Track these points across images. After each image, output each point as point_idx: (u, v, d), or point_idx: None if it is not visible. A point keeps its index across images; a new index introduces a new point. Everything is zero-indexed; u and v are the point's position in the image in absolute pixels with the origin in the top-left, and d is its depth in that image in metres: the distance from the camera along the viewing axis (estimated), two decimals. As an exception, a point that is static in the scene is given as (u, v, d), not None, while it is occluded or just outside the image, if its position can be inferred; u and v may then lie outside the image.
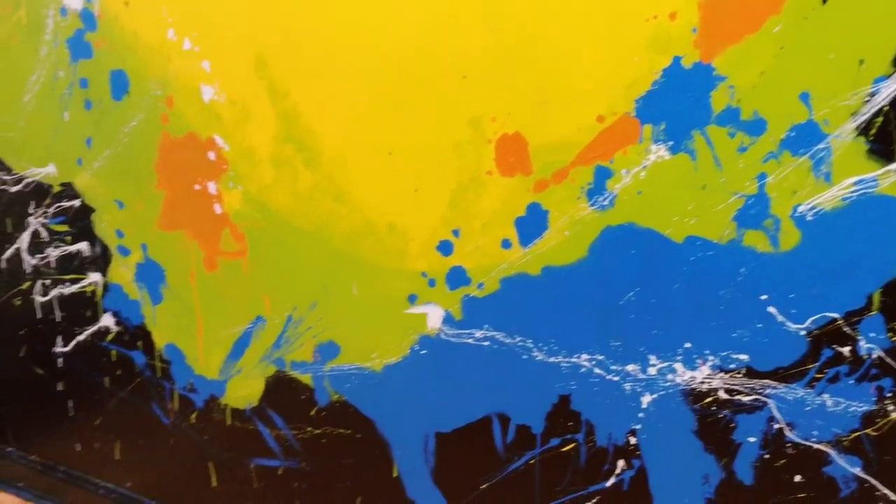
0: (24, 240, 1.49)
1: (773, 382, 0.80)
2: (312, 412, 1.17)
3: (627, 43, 0.81)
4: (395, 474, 1.11)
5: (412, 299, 1.03)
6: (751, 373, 0.81)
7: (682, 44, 0.78)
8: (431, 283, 1.01)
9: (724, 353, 0.82)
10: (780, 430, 0.80)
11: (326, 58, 1.03)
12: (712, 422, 0.85)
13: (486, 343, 0.98)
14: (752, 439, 0.82)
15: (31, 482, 1.66)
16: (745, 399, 0.82)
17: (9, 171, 1.46)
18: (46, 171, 1.40)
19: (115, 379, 1.42)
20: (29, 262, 1.49)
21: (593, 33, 0.83)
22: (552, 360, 0.93)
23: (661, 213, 0.83)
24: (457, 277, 0.99)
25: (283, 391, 1.20)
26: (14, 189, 1.46)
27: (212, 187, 1.19)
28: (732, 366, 0.82)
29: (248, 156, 1.14)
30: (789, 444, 0.80)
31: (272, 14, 1.05)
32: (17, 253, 1.51)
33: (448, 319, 1.01)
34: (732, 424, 0.83)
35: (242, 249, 1.18)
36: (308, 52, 1.04)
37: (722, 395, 0.83)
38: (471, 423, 1.02)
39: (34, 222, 1.46)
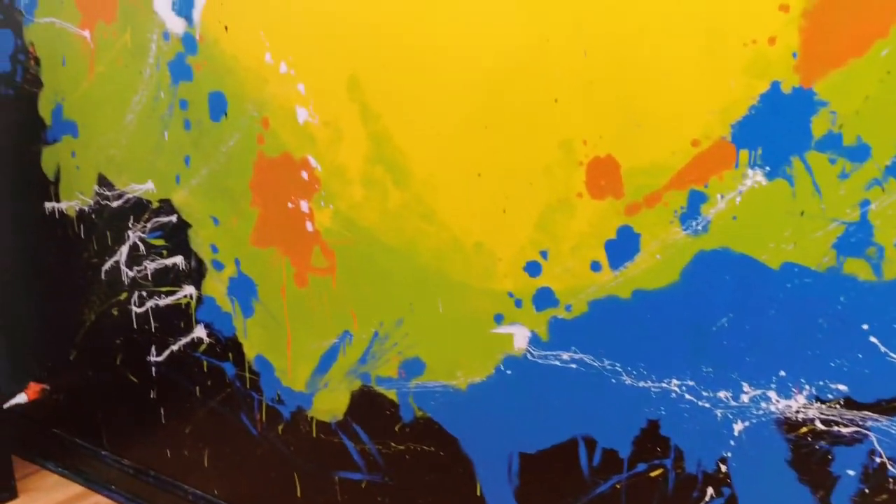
0: (123, 252, 1.56)
1: (874, 414, 0.78)
2: (397, 428, 1.19)
3: (724, 67, 0.80)
4: (478, 493, 1.12)
5: (498, 319, 1.04)
6: (850, 404, 0.79)
7: (781, 68, 0.77)
8: (518, 303, 1.02)
9: (822, 383, 0.81)
10: (883, 464, 0.78)
11: (418, 81, 1.05)
12: (807, 452, 0.83)
13: (573, 365, 0.98)
14: (851, 472, 0.80)
15: (123, 485, 1.72)
16: (844, 430, 0.80)
17: (111, 187, 1.53)
18: (146, 188, 1.47)
19: (206, 389, 1.47)
20: (127, 273, 1.56)
21: (688, 57, 0.82)
22: (641, 384, 0.92)
23: (757, 239, 0.82)
24: (544, 298, 0.99)
25: (368, 406, 1.22)
26: (115, 204, 1.53)
27: (304, 205, 1.22)
28: (830, 396, 0.80)
29: (340, 175, 1.17)
30: (892, 479, 0.78)
31: (366, 39, 1.08)
32: (117, 265, 1.58)
33: (534, 340, 1.01)
34: (829, 456, 0.81)
35: (332, 266, 1.21)
36: (400, 76, 1.06)
37: (818, 425, 0.81)
38: (556, 444, 1.02)
39: (133, 236, 1.52)
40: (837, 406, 0.80)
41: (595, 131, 0.91)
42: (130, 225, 1.52)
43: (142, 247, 1.52)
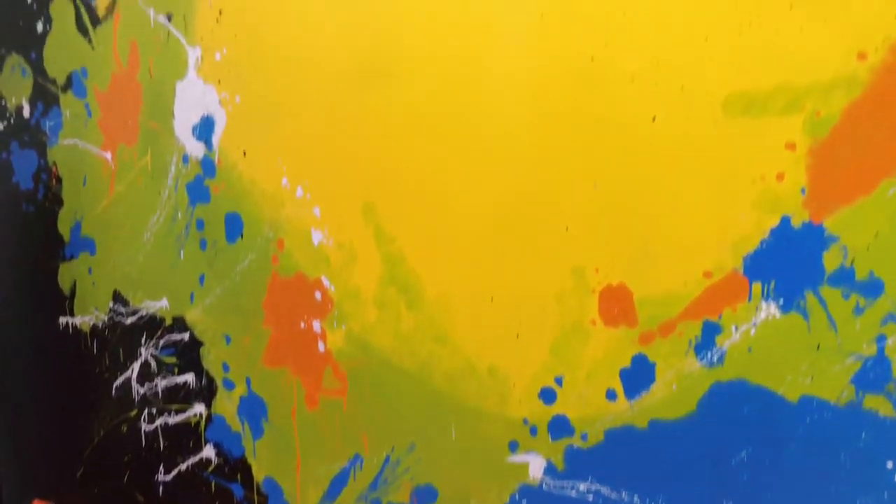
0: (134, 369, 1.55)
1: (903, 557, 0.75)
2: (408, 557, 1.16)
3: (734, 201, 0.82)
4: None
5: (513, 447, 1.02)
6: (878, 544, 0.77)
7: (790, 203, 0.78)
8: (533, 430, 1.00)
9: (848, 521, 0.78)
10: None
11: (432, 206, 1.07)
12: None
13: (591, 496, 0.96)
14: None
15: None
16: (874, 572, 0.77)
17: (126, 303, 1.54)
18: (160, 305, 1.48)
19: (213, 510, 1.44)
20: (138, 390, 1.55)
21: (697, 190, 0.84)
22: (661, 518, 0.90)
23: (774, 372, 0.81)
24: (559, 427, 0.98)
25: (379, 533, 1.19)
26: (129, 321, 1.54)
27: (316, 326, 1.23)
28: (857, 535, 0.78)
29: (353, 296, 1.17)
30: None
31: (381, 167, 1.10)
32: (128, 381, 1.57)
33: (550, 470, 0.99)
34: None
35: (343, 388, 1.21)
36: (414, 201, 1.08)
37: (846, 565, 0.79)
38: (574, 579, 0.99)
39: (145, 353, 1.52)
40: (865, 546, 0.77)
41: (607, 260, 0.92)
42: (143, 341, 1.53)
43: (153, 364, 1.51)
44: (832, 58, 0.74)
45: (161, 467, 1.53)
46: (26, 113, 1.67)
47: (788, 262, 0.78)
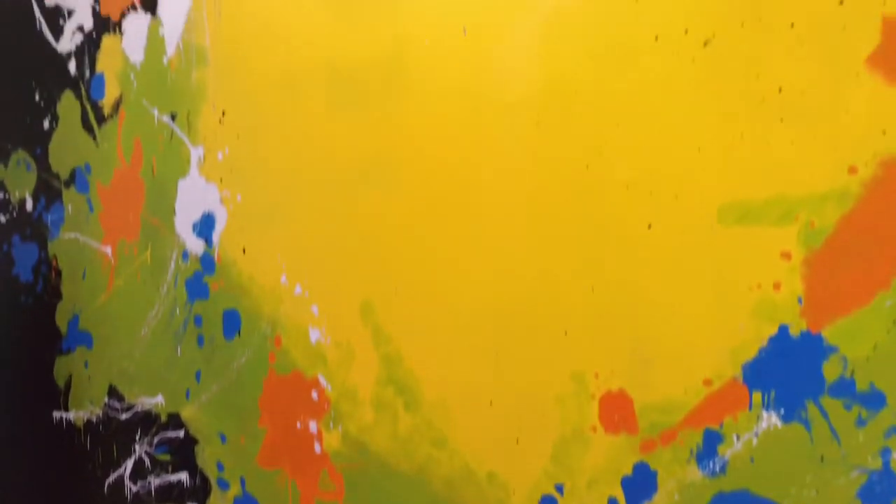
0: (127, 466, 1.53)
1: None
2: None
3: (731, 308, 0.82)
4: None
5: (513, 556, 1.00)
6: None
7: (788, 313, 0.78)
8: (534, 539, 0.98)
9: None
10: None
11: (430, 307, 1.07)
12: None
13: None
14: None
15: None
16: None
17: (121, 399, 1.52)
18: (156, 401, 1.46)
19: None
20: (131, 489, 1.52)
21: (695, 297, 0.84)
22: None
23: (777, 483, 0.79)
24: (560, 536, 0.95)
25: None
26: (124, 416, 1.52)
27: (313, 426, 1.21)
28: None
29: (350, 397, 1.16)
30: None
31: (380, 267, 1.11)
32: (120, 479, 1.54)
33: (552, 581, 0.96)
34: None
35: (339, 491, 1.18)
36: (413, 302, 1.08)
37: None
38: None
39: (139, 450, 1.50)
40: None
41: (606, 365, 0.91)
42: (137, 438, 1.50)
43: (147, 461, 1.49)
44: (824, 171, 0.75)
45: (151, 569, 1.49)
46: (29, 206, 1.69)
47: (788, 371, 0.78)
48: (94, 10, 1.54)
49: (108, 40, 1.51)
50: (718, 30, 0.80)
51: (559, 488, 0.95)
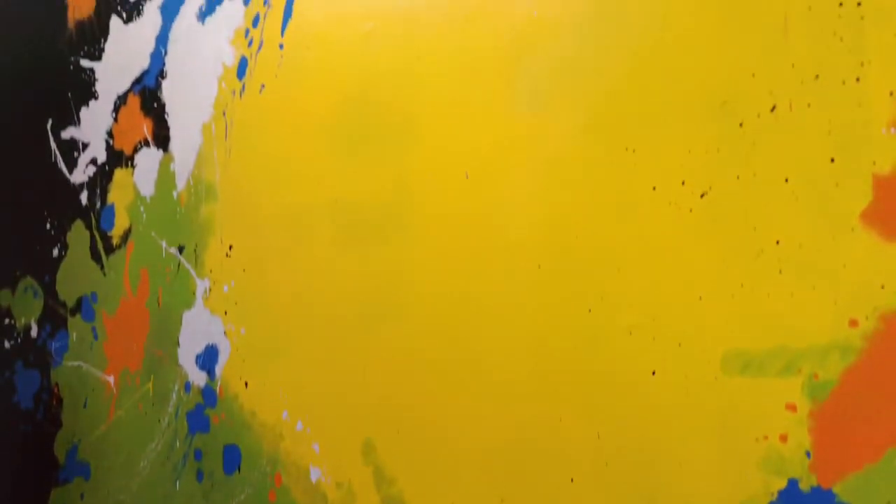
0: None
1: None
2: None
3: (738, 460, 0.80)
4: None
5: None
6: None
7: (796, 466, 0.76)
8: None
9: None
10: None
11: (433, 449, 1.05)
12: None
13: None
14: None
15: None
16: None
17: (116, 535, 1.49)
18: (151, 538, 1.42)
19: None
20: None
21: (701, 446, 0.83)
22: None
23: None
24: None
25: None
26: (118, 554, 1.48)
27: (312, 570, 1.17)
28: None
29: (351, 539, 1.13)
30: None
31: (382, 406, 1.10)
32: None
33: None
34: None
35: None
36: (415, 442, 1.07)
37: None
38: None
39: (132, 589, 1.45)
40: None
41: (613, 514, 0.89)
42: (131, 576, 1.46)
43: None
44: (825, 323, 0.75)
45: None
46: (34, 333, 1.70)
47: (800, 528, 0.76)
48: (107, 143, 1.58)
49: (120, 173, 1.55)
50: (714, 182, 0.82)
51: None
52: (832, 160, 0.75)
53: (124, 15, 1.61)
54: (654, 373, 0.86)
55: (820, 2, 0.77)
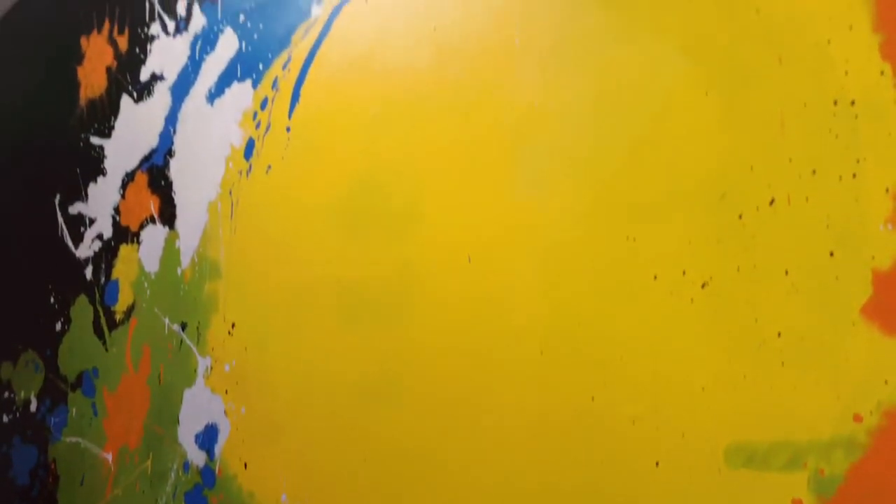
0: None
1: None
2: None
3: (745, 555, 0.79)
4: None
5: None
6: None
7: (804, 564, 0.75)
8: None
9: None
10: None
11: (434, 535, 1.03)
12: None
13: None
14: None
15: None
16: None
17: None
18: None
19: None
20: None
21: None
22: None
23: None
24: None
25: None
26: None
27: None
28: None
29: None
30: None
31: (382, 487, 1.09)
32: None
33: None
34: None
35: None
36: (416, 529, 1.05)
37: None
38: None
39: None
40: None
41: None
42: None
43: None
44: (828, 417, 0.75)
45: None
46: (33, 408, 1.68)
47: None
48: (114, 219, 1.60)
49: (125, 249, 1.56)
50: (715, 273, 0.83)
51: None
52: (831, 254, 0.76)
53: (135, 94, 1.64)
54: (657, 464, 0.85)
55: (815, 99, 0.78)
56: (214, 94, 1.45)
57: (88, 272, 1.64)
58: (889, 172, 0.73)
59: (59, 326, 1.67)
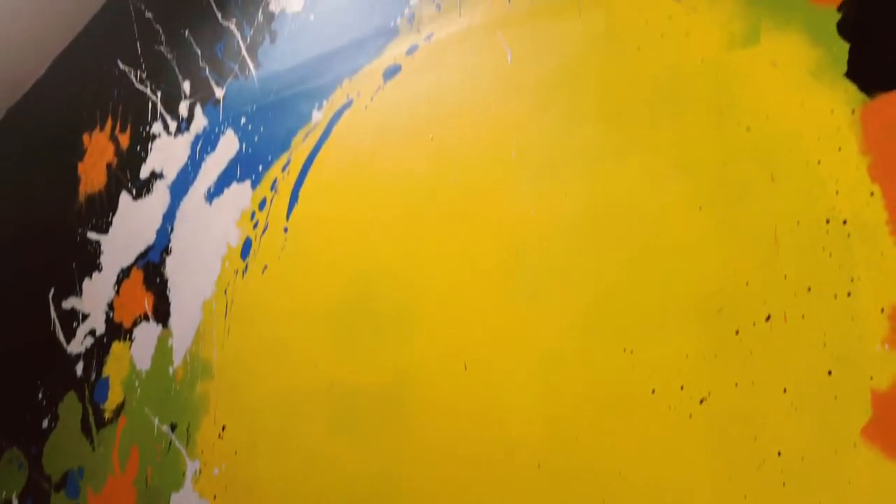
0: None
1: None
2: None
3: None
4: None
5: None
6: None
7: None
8: None
9: None
10: None
11: None
12: None
13: None
14: None
15: None
16: None
17: None
18: None
19: None
20: None
21: None
22: None
23: None
24: None
25: None
26: None
27: None
28: None
29: None
30: None
31: None
32: None
33: None
34: None
35: None
36: None
37: None
38: None
39: None
40: None
41: None
42: None
43: None
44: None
45: None
46: (14, 508, 1.64)
47: None
48: (107, 315, 1.59)
49: (117, 346, 1.55)
50: (713, 389, 0.82)
51: None
52: (829, 373, 0.75)
53: (134, 191, 1.66)
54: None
55: (808, 217, 0.80)
56: (213, 193, 1.46)
57: (79, 368, 1.62)
58: (883, 292, 0.74)
59: (45, 423, 1.64)
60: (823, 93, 0.81)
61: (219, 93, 1.52)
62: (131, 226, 1.63)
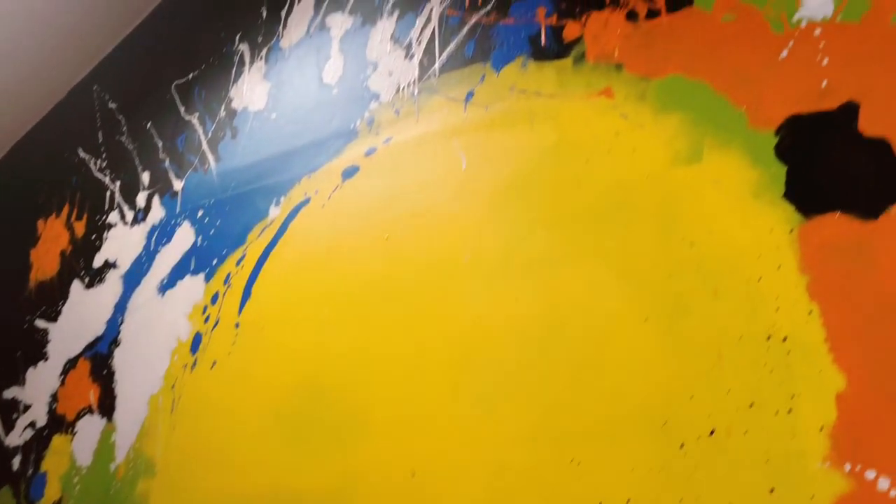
0: None
1: None
2: None
3: None
4: None
5: None
6: None
7: None
8: None
9: None
10: None
11: None
12: None
13: None
14: None
15: None
16: None
17: None
18: None
19: None
20: None
21: None
22: None
23: None
24: None
25: None
26: None
27: None
28: None
29: None
30: None
31: None
32: None
33: None
34: None
35: None
36: None
37: None
38: None
39: None
40: None
41: None
42: None
43: None
44: None
45: None
46: None
47: None
48: (50, 407, 1.55)
49: (58, 440, 1.50)
50: (660, 503, 0.82)
51: None
52: (772, 490, 0.75)
53: (87, 280, 1.64)
54: None
55: (749, 333, 0.81)
56: (166, 285, 1.45)
57: (16, 462, 1.56)
58: (822, 410, 0.75)
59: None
60: (763, 212, 0.83)
61: (177, 185, 1.52)
62: (81, 315, 1.60)
